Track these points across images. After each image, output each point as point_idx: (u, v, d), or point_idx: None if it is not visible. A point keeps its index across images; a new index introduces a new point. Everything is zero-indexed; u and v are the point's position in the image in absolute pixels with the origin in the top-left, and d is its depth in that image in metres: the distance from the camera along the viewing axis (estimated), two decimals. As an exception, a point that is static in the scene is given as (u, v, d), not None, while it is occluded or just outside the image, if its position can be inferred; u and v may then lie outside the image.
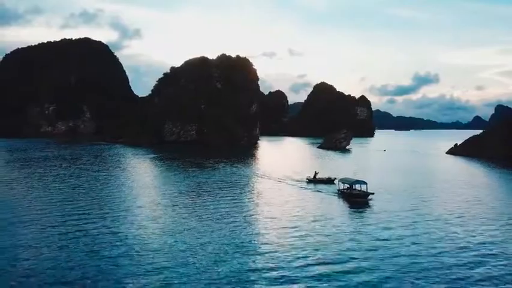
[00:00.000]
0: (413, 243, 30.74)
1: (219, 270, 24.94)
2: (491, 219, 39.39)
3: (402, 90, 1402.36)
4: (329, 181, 62.29)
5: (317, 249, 29.12)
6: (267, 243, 30.48)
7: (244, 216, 39.42)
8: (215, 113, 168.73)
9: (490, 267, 26.36)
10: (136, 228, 34.50)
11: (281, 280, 23.72)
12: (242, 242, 30.68)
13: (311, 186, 59.30)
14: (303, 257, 27.38)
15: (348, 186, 50.21)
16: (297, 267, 25.57)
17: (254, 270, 25.15)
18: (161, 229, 34.05)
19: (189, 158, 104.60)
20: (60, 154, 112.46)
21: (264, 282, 23.40)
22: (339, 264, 26.09)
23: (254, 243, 30.69)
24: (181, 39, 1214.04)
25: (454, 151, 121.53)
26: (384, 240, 31.66)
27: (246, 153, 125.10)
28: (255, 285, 23.05)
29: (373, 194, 47.65)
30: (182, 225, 35.49)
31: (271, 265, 26.07)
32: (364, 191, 48.30)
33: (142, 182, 61.59)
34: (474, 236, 33.18)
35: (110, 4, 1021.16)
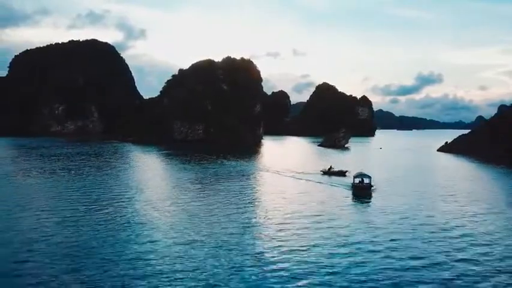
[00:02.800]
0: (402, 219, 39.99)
1: (233, 255, 28.23)
2: (463, 201, 48.44)
3: (405, 90, 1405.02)
4: (341, 173, 69.86)
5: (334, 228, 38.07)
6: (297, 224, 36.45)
7: (265, 206, 45.97)
8: (221, 114, 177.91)
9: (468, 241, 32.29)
10: (155, 212, 42.99)
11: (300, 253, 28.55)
12: (261, 228, 35.44)
13: (324, 178, 66.64)
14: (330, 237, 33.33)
15: (360, 180, 57.30)
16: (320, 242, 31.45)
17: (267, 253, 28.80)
18: (176, 216, 39.42)
19: (199, 154, 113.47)
20: (82, 151, 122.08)
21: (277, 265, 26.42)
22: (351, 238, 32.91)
23: (274, 227, 35.86)
24: (186, 40, 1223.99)
25: (444, 149, 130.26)
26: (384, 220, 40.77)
27: (252, 151, 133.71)
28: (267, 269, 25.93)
29: (373, 186, 55.83)
30: (196, 210, 44.45)
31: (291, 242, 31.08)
32: (369, 184, 56.12)
33: (162, 174, 70.93)
34: (435, 211, 42.27)
35: (116, 5, 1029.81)
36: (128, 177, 65.48)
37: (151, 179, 64.76)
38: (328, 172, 71.70)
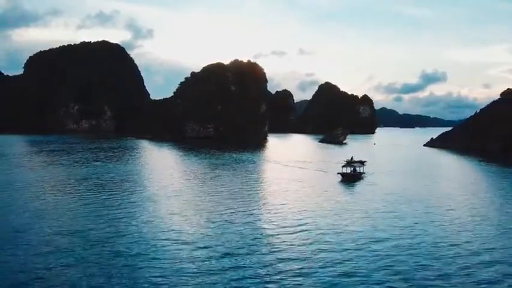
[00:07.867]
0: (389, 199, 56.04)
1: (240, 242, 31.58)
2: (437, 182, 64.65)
3: (409, 88, 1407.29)
4: (361, 162, 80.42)
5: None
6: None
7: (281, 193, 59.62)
8: (230, 113, 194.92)
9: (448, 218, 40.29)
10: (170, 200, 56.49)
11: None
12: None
13: (325, 168, 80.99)
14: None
15: (352, 168, 70.13)
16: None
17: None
18: (189, 205, 45.58)
19: (211, 149, 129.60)
20: (113, 146, 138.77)
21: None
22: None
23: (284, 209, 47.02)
24: (192, 39, 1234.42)
25: (429, 144, 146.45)
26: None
27: (259, 147, 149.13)
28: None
29: (364, 173, 70.81)
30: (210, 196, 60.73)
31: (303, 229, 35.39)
32: (361, 172, 70.50)
33: (184, 163, 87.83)
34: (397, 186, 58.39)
35: (125, 4, 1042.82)
36: (158, 166, 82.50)
37: (176, 166, 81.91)
38: (351, 162, 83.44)
